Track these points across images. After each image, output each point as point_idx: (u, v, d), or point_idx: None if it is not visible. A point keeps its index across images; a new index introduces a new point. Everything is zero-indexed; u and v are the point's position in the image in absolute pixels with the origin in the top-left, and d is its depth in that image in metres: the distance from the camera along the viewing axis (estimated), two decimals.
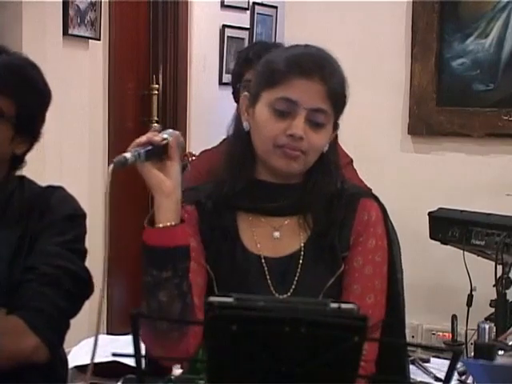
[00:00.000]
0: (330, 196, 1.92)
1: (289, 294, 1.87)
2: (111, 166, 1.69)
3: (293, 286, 1.88)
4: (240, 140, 1.93)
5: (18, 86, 1.93)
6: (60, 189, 2.00)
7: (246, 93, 1.95)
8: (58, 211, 1.93)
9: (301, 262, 1.89)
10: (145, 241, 1.76)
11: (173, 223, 1.75)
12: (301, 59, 1.88)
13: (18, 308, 1.81)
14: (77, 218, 1.97)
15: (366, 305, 1.86)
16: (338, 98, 1.90)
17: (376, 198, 1.99)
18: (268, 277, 1.88)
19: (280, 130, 1.85)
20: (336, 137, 1.98)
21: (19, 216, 1.93)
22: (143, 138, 1.80)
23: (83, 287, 1.91)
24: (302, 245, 1.91)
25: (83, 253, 1.96)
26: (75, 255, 1.91)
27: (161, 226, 1.75)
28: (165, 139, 1.81)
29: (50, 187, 2.00)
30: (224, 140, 2.88)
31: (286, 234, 1.93)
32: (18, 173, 2.05)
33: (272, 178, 1.91)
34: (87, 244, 1.99)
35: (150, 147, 1.79)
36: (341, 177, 1.97)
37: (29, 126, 1.96)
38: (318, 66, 1.87)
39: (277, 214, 1.92)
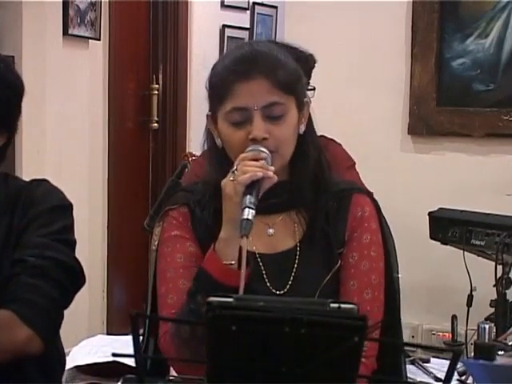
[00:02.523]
0: (315, 182, 1.91)
1: (285, 290, 1.87)
2: (244, 238, 1.67)
3: (289, 282, 1.87)
4: (216, 155, 1.91)
5: None
6: (44, 182, 1.99)
7: (208, 112, 1.93)
8: (43, 203, 1.92)
9: (297, 258, 1.89)
10: (212, 274, 1.77)
11: (235, 262, 1.76)
12: (235, 64, 1.86)
13: (9, 301, 1.80)
14: (63, 208, 1.95)
15: (364, 300, 1.85)
16: (288, 84, 1.86)
17: (369, 194, 1.98)
18: (264, 272, 1.88)
19: (243, 139, 1.83)
20: (310, 116, 1.94)
21: (4, 211, 1.91)
22: (259, 174, 1.75)
23: (74, 277, 1.90)
24: (298, 241, 1.91)
25: (72, 243, 1.94)
26: (64, 245, 1.89)
27: (228, 263, 1.76)
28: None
29: (34, 181, 1.99)
30: None
31: (281, 230, 1.92)
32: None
33: None
34: (87, 244, 1.98)
35: (256, 186, 1.75)
36: (323, 159, 1.94)
37: (3, 120, 1.95)
38: (254, 65, 1.84)
39: (268, 212, 1.92)
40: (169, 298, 1.87)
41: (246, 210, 1.71)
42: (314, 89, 2.91)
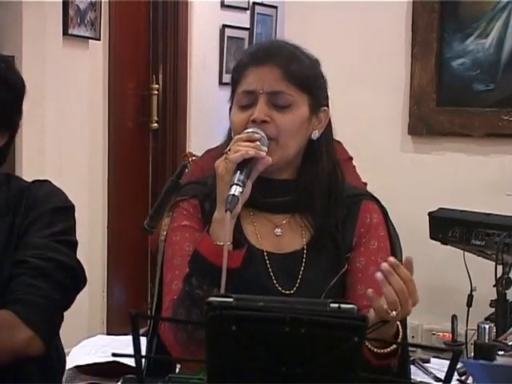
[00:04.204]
0: (328, 188, 1.92)
1: (292, 291, 1.87)
2: (227, 213, 1.68)
3: (296, 284, 1.88)
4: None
5: None
6: (47, 182, 1.99)
7: (230, 104, 1.96)
8: (45, 204, 1.91)
9: (304, 260, 1.90)
10: (205, 255, 1.77)
11: (230, 244, 1.75)
12: (255, 52, 1.91)
13: (10, 302, 1.80)
14: (65, 209, 1.95)
15: None
16: (299, 79, 1.88)
17: (377, 200, 1.99)
18: (270, 270, 1.88)
19: (245, 120, 1.86)
20: (330, 127, 1.96)
21: (6, 211, 1.91)
22: (250, 152, 1.76)
23: (75, 278, 1.90)
24: (305, 243, 1.91)
25: (74, 244, 1.94)
26: (65, 247, 1.89)
27: (222, 244, 1.74)
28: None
29: (36, 181, 1.99)
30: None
31: (288, 231, 1.93)
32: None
33: (266, 173, 1.87)
34: (87, 244, 1.98)
35: (248, 165, 1.76)
36: (338, 170, 1.96)
37: (4, 119, 1.95)
38: (270, 54, 1.88)
39: (275, 211, 1.92)
40: (174, 284, 1.87)
41: (234, 186, 1.72)
42: None
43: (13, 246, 1.88)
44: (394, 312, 1.65)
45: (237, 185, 1.72)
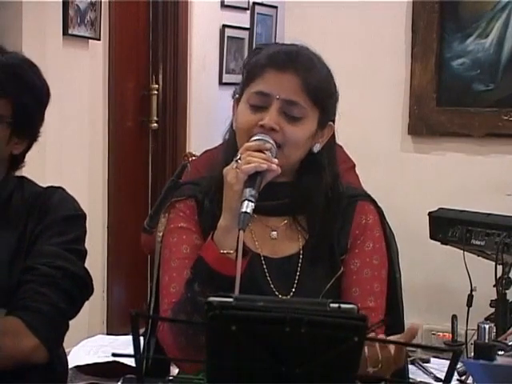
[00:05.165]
0: (327, 200, 1.91)
1: (289, 295, 1.86)
2: (241, 232, 1.67)
3: (293, 289, 1.87)
4: (232, 142, 1.91)
5: (14, 85, 1.91)
6: (60, 189, 1.99)
7: (236, 95, 1.94)
8: (57, 212, 1.92)
9: (300, 264, 1.89)
10: (210, 263, 1.77)
11: (234, 252, 1.74)
12: (276, 55, 1.88)
13: (17, 308, 1.81)
14: (77, 218, 1.96)
15: (368, 307, 1.85)
16: (316, 93, 1.86)
17: (373, 201, 1.98)
18: (268, 275, 1.88)
19: (253, 122, 1.84)
20: (333, 140, 1.95)
21: (19, 216, 1.92)
22: (263, 165, 1.75)
23: (83, 288, 1.91)
24: (301, 247, 1.91)
25: (83, 253, 1.95)
26: (75, 256, 1.90)
27: (226, 252, 1.76)
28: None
29: (50, 187, 1.99)
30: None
31: (284, 234, 1.92)
32: (18, 172, 2.04)
33: None
34: (87, 244, 1.98)
35: (258, 178, 1.75)
36: (338, 182, 1.94)
37: (26, 126, 1.95)
38: (292, 61, 1.86)
39: (271, 214, 1.91)
40: (171, 287, 1.87)
41: (246, 202, 1.71)
42: None
43: (23, 252, 1.88)
44: (371, 368, 1.64)
45: (249, 201, 1.71)
